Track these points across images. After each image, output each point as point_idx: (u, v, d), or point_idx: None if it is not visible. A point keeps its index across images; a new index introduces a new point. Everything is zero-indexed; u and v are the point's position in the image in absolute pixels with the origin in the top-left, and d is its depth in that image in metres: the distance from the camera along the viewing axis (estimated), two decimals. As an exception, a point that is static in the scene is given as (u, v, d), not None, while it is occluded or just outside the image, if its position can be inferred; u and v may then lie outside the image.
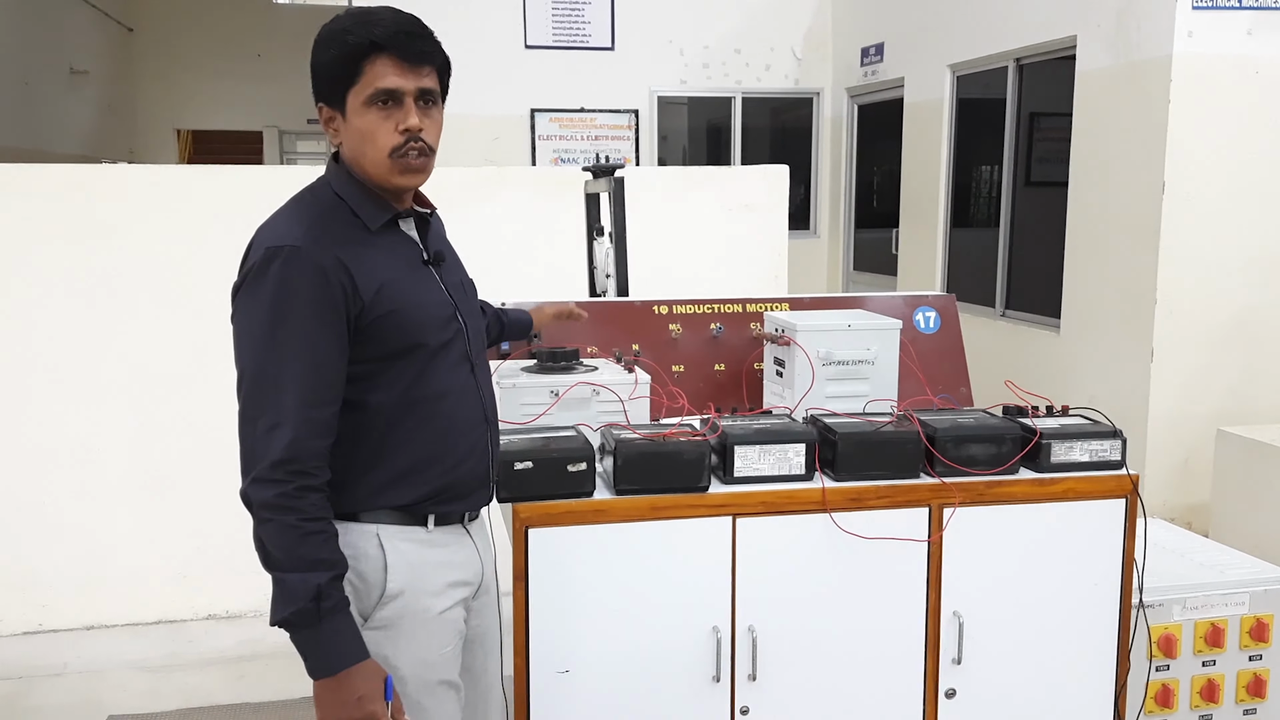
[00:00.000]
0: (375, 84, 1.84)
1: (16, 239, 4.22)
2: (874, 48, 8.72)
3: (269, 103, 14.12)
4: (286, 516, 1.74)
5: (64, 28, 11.82)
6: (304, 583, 1.73)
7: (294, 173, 2.98)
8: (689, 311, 3.06)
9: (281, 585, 1.75)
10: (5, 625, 4.27)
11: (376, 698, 1.79)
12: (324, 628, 1.76)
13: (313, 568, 1.75)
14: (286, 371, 1.77)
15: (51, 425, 4.26)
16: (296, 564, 1.74)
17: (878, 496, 2.32)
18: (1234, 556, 2.90)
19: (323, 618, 1.75)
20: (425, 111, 1.90)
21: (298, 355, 1.77)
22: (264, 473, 1.74)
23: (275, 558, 1.75)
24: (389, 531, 1.91)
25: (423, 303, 1.92)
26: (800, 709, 2.34)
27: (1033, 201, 6.87)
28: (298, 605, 1.74)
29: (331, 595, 1.76)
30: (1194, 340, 5.42)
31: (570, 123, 9.08)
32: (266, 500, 1.74)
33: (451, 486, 1.96)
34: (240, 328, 1.83)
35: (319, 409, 1.79)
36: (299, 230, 1.82)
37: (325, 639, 1.77)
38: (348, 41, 1.84)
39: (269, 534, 1.75)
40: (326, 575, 1.76)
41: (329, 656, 1.78)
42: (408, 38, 1.85)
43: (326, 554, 1.78)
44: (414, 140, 1.87)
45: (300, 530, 1.75)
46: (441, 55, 1.92)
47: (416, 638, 1.93)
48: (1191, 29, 5.25)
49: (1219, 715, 2.70)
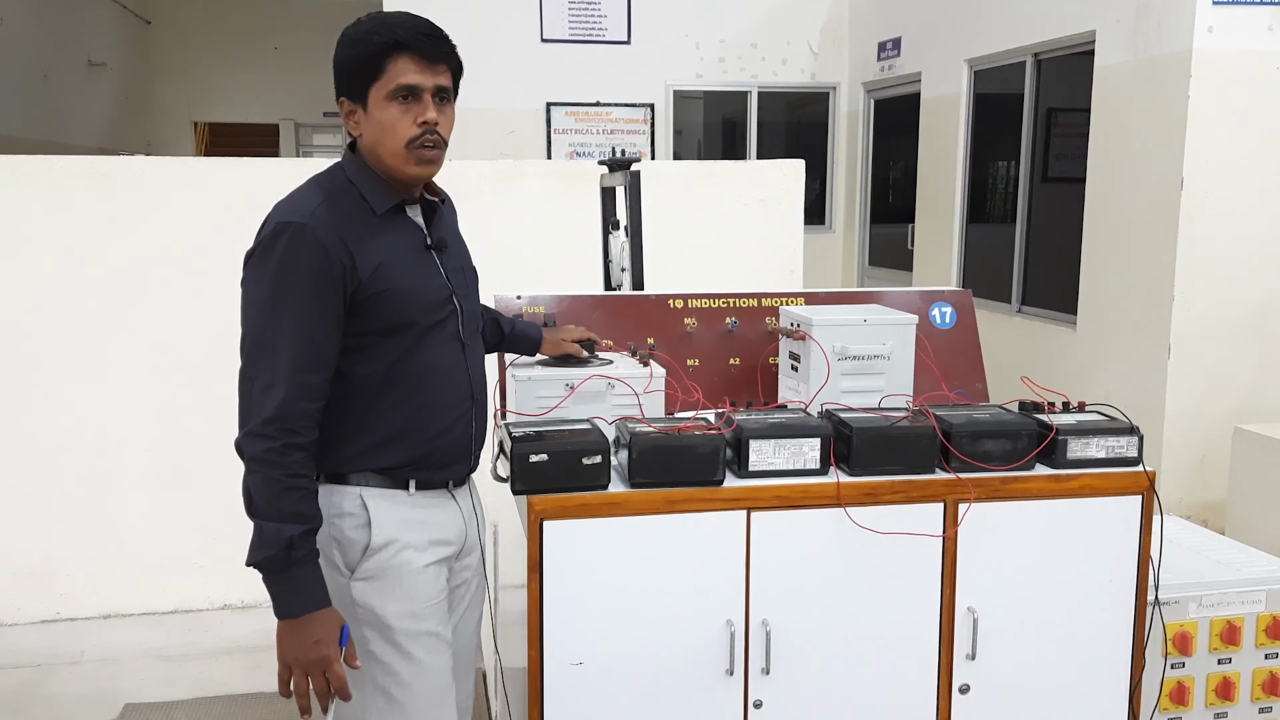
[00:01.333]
0: (398, 80, 1.99)
1: (36, 230, 4.24)
2: (891, 42, 8.69)
3: (285, 96, 14.17)
4: (271, 470, 1.90)
5: (83, 21, 11.88)
6: (279, 532, 1.89)
7: (310, 165, 2.99)
8: (704, 305, 3.05)
9: (260, 532, 1.91)
10: (23, 614, 4.30)
11: (331, 642, 1.94)
12: (292, 575, 1.92)
13: (289, 520, 1.90)
14: (283, 338, 1.92)
15: (69, 415, 4.29)
16: (275, 514, 1.90)
17: (892, 491, 2.31)
18: (1250, 554, 2.88)
19: (292, 565, 1.91)
20: (440, 108, 2.04)
21: (294, 323, 1.92)
22: (256, 428, 1.90)
23: (258, 506, 1.91)
24: (371, 492, 2.05)
25: (419, 285, 2.06)
26: (813, 703, 2.34)
27: (1050, 197, 6.84)
28: (271, 552, 1.90)
29: (302, 546, 1.92)
30: (1211, 337, 5.39)
31: (586, 117, 9.09)
32: (255, 453, 1.90)
33: (431, 455, 2.09)
34: (246, 292, 1.98)
35: (310, 375, 1.94)
36: (308, 209, 1.97)
37: (292, 585, 1.93)
38: (373, 41, 2.00)
39: (255, 484, 1.91)
40: (300, 528, 1.91)
41: (293, 601, 1.93)
42: (428, 39, 2.01)
43: (304, 509, 1.93)
44: (430, 133, 2.02)
45: (282, 484, 1.90)
46: (456, 58, 2.08)
47: (401, 588, 2.06)
48: (1211, 24, 5.22)
49: (1234, 713, 2.69)
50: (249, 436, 1.91)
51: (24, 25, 10.30)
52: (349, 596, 2.04)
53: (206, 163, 4.60)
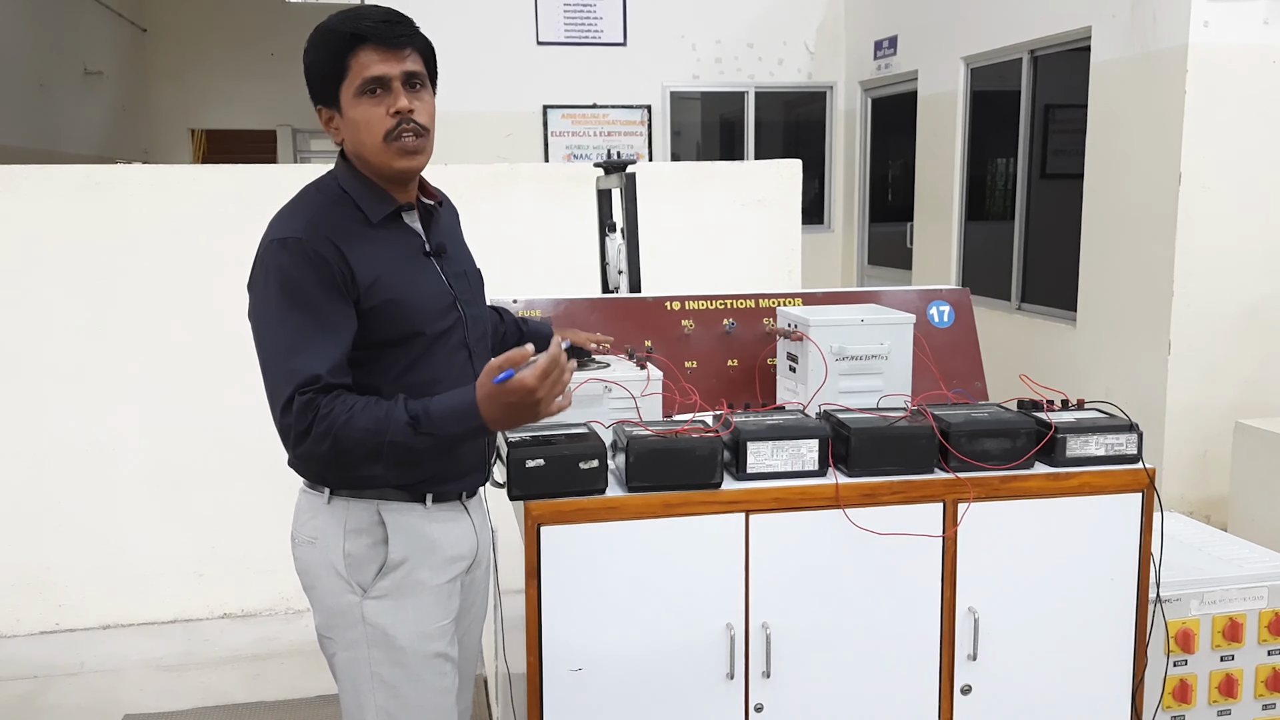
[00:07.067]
0: (363, 74, 1.93)
1: (32, 239, 4.24)
2: (887, 40, 8.69)
3: (282, 102, 14.13)
4: (323, 424, 1.80)
5: (78, 29, 11.87)
6: (397, 436, 1.81)
7: (308, 171, 2.98)
8: (701, 307, 3.04)
9: (392, 457, 1.83)
10: (22, 625, 4.29)
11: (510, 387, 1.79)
12: (440, 431, 1.83)
13: (384, 426, 1.81)
14: (299, 339, 1.85)
15: (66, 425, 4.28)
16: (372, 440, 1.81)
17: (891, 492, 2.30)
18: (1252, 550, 2.87)
19: (436, 428, 1.82)
20: (415, 94, 1.97)
21: (306, 324, 1.86)
22: (288, 406, 1.81)
23: (355, 454, 1.82)
24: (389, 506, 1.99)
25: (420, 293, 2.00)
26: (815, 706, 2.33)
27: (1048, 194, 6.83)
28: (415, 448, 1.82)
29: (416, 414, 1.82)
30: (1211, 333, 5.38)
31: (583, 119, 9.08)
32: (304, 425, 1.80)
33: (448, 468, 2.04)
34: (254, 318, 1.92)
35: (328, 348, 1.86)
36: (300, 222, 1.92)
37: (452, 427, 1.83)
38: (330, 40, 1.94)
39: (332, 449, 1.81)
40: (402, 416, 1.82)
41: (468, 424, 1.84)
42: (385, 25, 1.93)
43: (380, 411, 1.83)
44: (406, 122, 1.95)
45: (349, 417, 1.81)
46: (421, 38, 2.00)
47: (416, 609, 2.01)
48: (1207, 19, 5.21)
49: (1238, 710, 2.68)
50: (287, 418, 1.81)
51: (19, 34, 10.29)
52: (359, 615, 1.98)
53: (202, 170, 4.59)
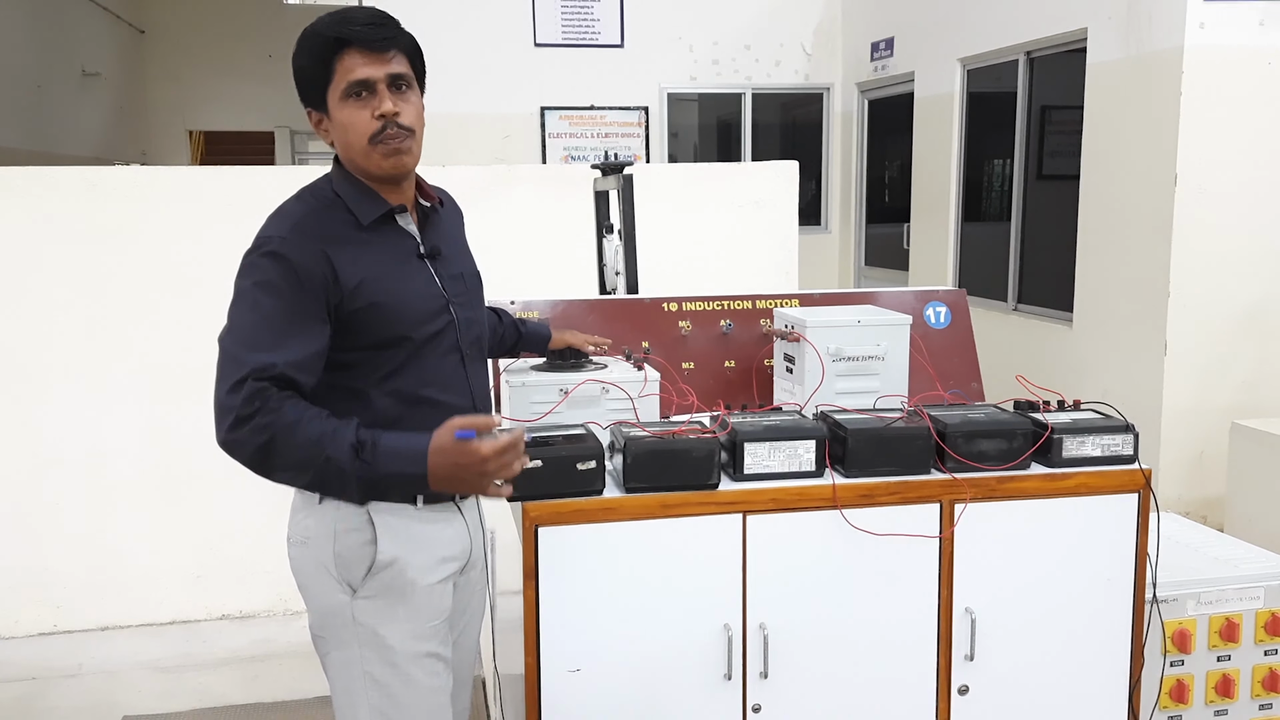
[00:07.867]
0: (347, 78, 1.93)
1: (29, 241, 4.23)
2: (884, 42, 8.70)
3: (280, 103, 14.13)
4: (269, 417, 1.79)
5: (76, 30, 11.87)
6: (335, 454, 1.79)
7: (306, 173, 2.98)
8: (699, 308, 3.05)
9: (322, 475, 1.82)
10: (20, 626, 4.29)
11: (465, 448, 1.80)
12: (379, 468, 1.82)
13: (327, 442, 1.80)
14: (265, 331, 1.85)
15: (64, 426, 4.28)
16: (311, 449, 1.79)
17: (888, 493, 2.31)
18: (1249, 550, 2.88)
19: (376, 462, 1.81)
20: (401, 96, 1.97)
21: (276, 319, 1.86)
22: (231, 398, 1.80)
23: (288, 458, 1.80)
24: (379, 506, 1.96)
25: (410, 296, 1.99)
26: (812, 706, 2.33)
27: (1044, 195, 6.84)
28: (347, 473, 1.80)
29: (363, 440, 1.81)
30: (1208, 333, 5.39)
31: (580, 120, 9.08)
32: (247, 414, 1.79)
33: None
34: (230, 308, 1.93)
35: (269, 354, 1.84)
36: (287, 225, 1.93)
37: (393, 466, 1.83)
38: (315, 44, 1.94)
39: (265, 448, 1.79)
40: (348, 437, 1.81)
41: (409, 469, 1.82)
42: (369, 28, 1.93)
43: (329, 426, 1.82)
44: (391, 125, 1.95)
45: (295, 422, 1.79)
46: (406, 39, 2.00)
47: (405, 608, 1.99)
48: (1203, 20, 5.22)
49: (1234, 710, 2.68)
50: (233, 398, 1.80)
51: (16, 36, 10.29)
52: (349, 615, 1.97)
53: (199, 172, 4.59)
